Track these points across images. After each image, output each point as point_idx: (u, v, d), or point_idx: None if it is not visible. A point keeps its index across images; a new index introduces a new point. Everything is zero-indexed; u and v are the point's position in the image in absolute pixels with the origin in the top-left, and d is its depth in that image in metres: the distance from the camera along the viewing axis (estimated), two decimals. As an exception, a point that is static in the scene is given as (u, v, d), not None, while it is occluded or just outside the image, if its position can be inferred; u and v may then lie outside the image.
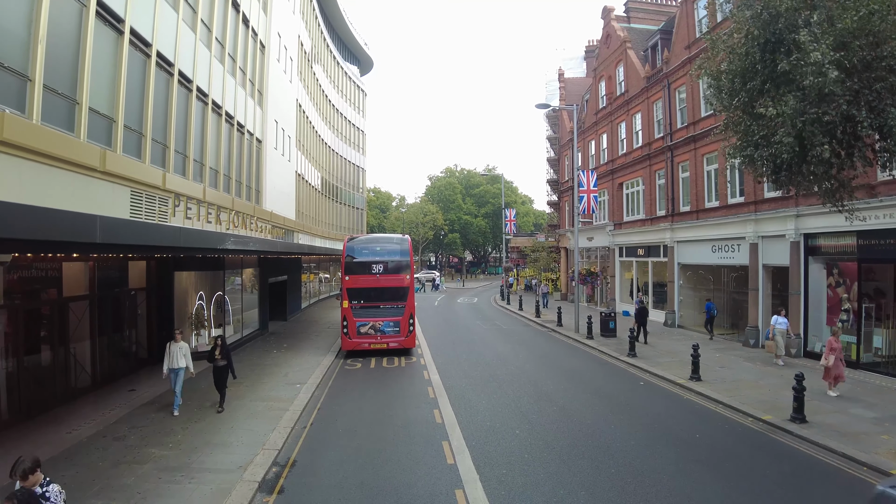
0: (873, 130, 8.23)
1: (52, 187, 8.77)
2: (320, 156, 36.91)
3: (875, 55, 7.92)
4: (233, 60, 18.45)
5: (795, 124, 8.25)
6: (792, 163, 8.90)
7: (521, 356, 17.72)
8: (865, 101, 8.13)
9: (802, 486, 7.75)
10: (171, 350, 11.15)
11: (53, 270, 11.19)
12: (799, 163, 8.82)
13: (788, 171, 9.32)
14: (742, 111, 9.70)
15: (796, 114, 8.22)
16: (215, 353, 11.41)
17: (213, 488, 7.67)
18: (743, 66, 9.26)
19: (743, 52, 9.29)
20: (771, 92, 8.87)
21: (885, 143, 8.54)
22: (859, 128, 8.05)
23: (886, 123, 7.94)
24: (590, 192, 23.78)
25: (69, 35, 9.54)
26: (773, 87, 8.87)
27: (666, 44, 23.98)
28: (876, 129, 8.23)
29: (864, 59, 8.03)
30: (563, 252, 38.54)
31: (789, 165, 9.06)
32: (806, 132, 8.28)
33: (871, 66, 8.04)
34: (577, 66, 46.00)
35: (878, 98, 8.10)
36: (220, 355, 11.41)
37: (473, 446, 9.37)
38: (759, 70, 8.91)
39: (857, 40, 7.84)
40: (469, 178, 74.87)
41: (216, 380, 11.46)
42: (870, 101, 8.13)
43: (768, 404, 11.38)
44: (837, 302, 15.23)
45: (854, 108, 7.99)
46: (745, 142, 9.70)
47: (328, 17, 41.60)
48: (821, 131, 8.27)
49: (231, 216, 16.60)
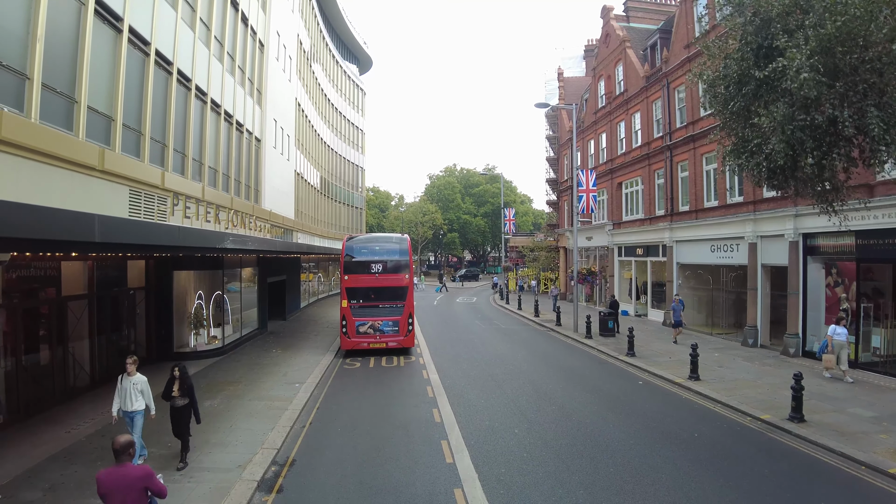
0: (855, 131, 8.29)
1: (50, 186, 8.77)
2: (319, 155, 36.90)
3: (861, 58, 7.97)
4: (232, 59, 18.43)
5: (785, 131, 8.31)
6: (785, 168, 8.98)
7: (519, 355, 17.73)
8: (849, 103, 8.20)
9: (801, 486, 7.76)
10: (122, 386, 8.39)
11: (52, 269, 11.18)
12: (791, 168, 8.90)
13: (782, 176, 9.39)
14: (737, 117, 9.74)
15: (786, 120, 8.28)
16: (172, 388, 8.59)
17: (211, 487, 7.67)
18: (739, 72, 9.29)
19: (738, 58, 9.34)
20: (763, 97, 8.92)
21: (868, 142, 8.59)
22: (841, 128, 8.10)
23: (865, 123, 8.00)
24: (589, 191, 23.79)
25: (68, 33, 9.53)
26: (765, 92, 8.92)
27: (665, 43, 23.98)
28: (857, 128, 8.29)
29: (850, 63, 8.08)
30: (563, 251, 38.55)
31: (782, 171, 9.14)
32: (795, 138, 8.35)
33: (857, 69, 8.09)
34: (577, 66, 46.03)
35: (861, 99, 8.15)
36: (179, 391, 8.61)
37: (472, 445, 9.38)
38: (754, 76, 8.95)
39: (841, 45, 7.90)
40: (468, 177, 74.87)
41: (175, 425, 8.66)
42: (853, 102, 8.19)
43: (767, 403, 11.40)
44: (836, 301, 15.25)
45: (838, 111, 8.05)
46: (740, 148, 9.76)
47: (327, 16, 41.57)
48: (810, 136, 8.34)
49: (230, 215, 16.59)
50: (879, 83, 8.05)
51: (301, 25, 30.67)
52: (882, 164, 8.88)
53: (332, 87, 41.61)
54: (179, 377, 8.60)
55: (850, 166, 9.08)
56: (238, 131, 19.33)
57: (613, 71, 28.71)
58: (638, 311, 27.15)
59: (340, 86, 44.71)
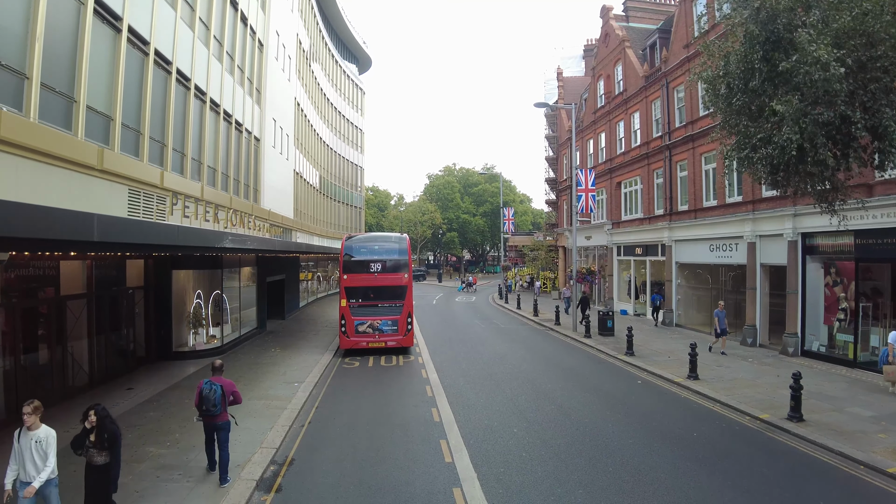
0: (867, 132, 8.25)
1: (49, 185, 8.76)
2: (318, 154, 36.89)
3: (870, 56, 7.94)
4: (231, 59, 18.42)
5: (799, 124, 8.25)
6: (790, 163, 8.91)
7: (518, 355, 17.74)
8: (860, 101, 8.15)
9: (799, 485, 7.78)
10: (19, 445, 5.88)
11: (51, 269, 11.17)
12: (797, 163, 8.83)
13: (786, 172, 9.33)
14: (740, 112, 9.68)
15: (799, 114, 8.22)
16: (89, 437, 6.20)
17: (211, 487, 7.67)
18: (745, 67, 9.21)
19: (742, 53, 9.27)
20: (769, 92, 8.87)
21: (880, 143, 8.56)
22: (854, 129, 8.06)
23: (881, 124, 7.96)
24: (588, 191, 23.79)
25: (67, 33, 9.52)
26: (771, 87, 8.86)
27: (664, 43, 23.98)
28: (870, 129, 8.25)
29: (858, 60, 8.05)
30: (562, 251, 38.57)
31: (787, 166, 9.06)
32: (808, 133, 8.27)
33: (865, 66, 8.06)
34: (576, 65, 45.99)
35: (872, 99, 8.12)
36: (97, 441, 6.18)
37: (471, 445, 9.39)
38: (760, 69, 8.88)
39: (852, 40, 7.85)
40: (467, 176, 74.87)
41: (88, 492, 6.31)
42: (864, 101, 8.16)
43: (766, 403, 11.42)
44: (835, 301, 15.27)
45: (850, 109, 8.00)
46: (743, 143, 9.69)
47: (327, 16, 41.54)
48: (822, 132, 8.28)
49: (229, 215, 16.58)
50: (886, 80, 8.02)
51: (300, 25, 30.65)
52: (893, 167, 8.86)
53: (331, 87, 41.59)
54: (97, 423, 6.15)
55: (861, 166, 9.07)
56: (237, 131, 19.32)
57: (613, 70, 28.72)
58: (637, 310, 27.17)
59: (340, 85, 44.69)
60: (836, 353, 15.05)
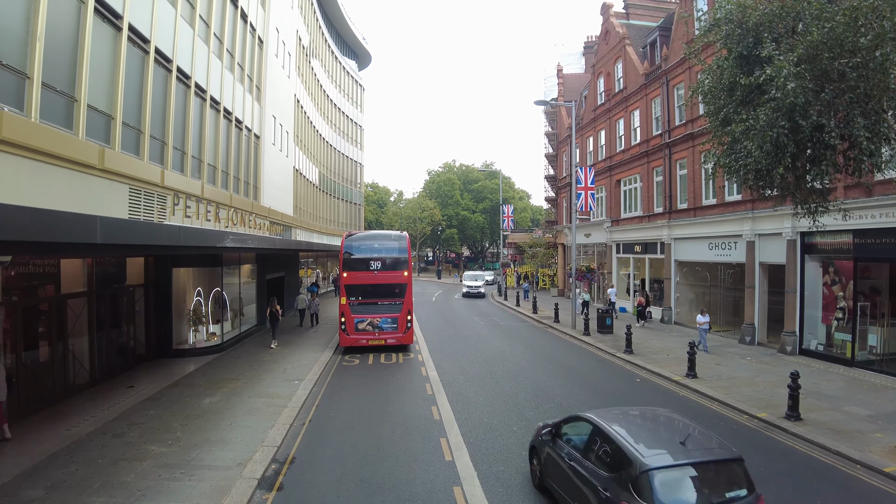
0: (841, 141, 8.46)
1: (50, 185, 8.77)
2: (318, 151, 36.86)
3: (849, 64, 8.09)
4: (231, 56, 18.39)
5: (766, 136, 8.59)
6: (766, 172, 9.27)
7: (518, 353, 17.80)
8: (835, 110, 8.36)
9: (797, 484, 7.84)
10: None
11: (51, 267, 11.19)
12: (771, 172, 9.13)
13: (766, 179, 9.63)
14: (723, 124, 10.11)
15: (767, 126, 8.54)
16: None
17: (212, 485, 7.71)
18: (729, 81, 9.58)
19: (726, 67, 9.65)
20: (752, 103, 9.19)
21: (853, 151, 8.78)
22: (827, 137, 8.26)
23: (852, 133, 8.18)
24: (587, 189, 23.81)
25: (67, 32, 9.52)
26: (754, 97, 9.18)
27: (665, 41, 23.95)
28: (844, 138, 8.47)
29: (838, 69, 8.21)
30: (561, 248, 38.61)
31: (765, 174, 9.44)
32: (778, 143, 8.61)
33: (845, 75, 8.22)
34: (576, 62, 45.99)
35: (848, 107, 8.31)
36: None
37: (471, 443, 9.45)
38: (740, 84, 9.26)
39: (828, 51, 8.03)
40: (467, 173, 74.76)
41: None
42: (839, 110, 8.36)
43: (764, 401, 11.49)
44: (833, 300, 15.33)
45: (825, 118, 8.22)
46: (728, 152, 10.07)
47: (326, 12, 41.43)
48: (792, 141, 8.57)
49: (229, 213, 16.60)
50: (865, 87, 8.19)
51: (300, 21, 30.58)
52: (865, 173, 9.18)
53: (330, 84, 41.51)
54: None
55: (835, 173, 9.32)
56: (237, 128, 19.31)
57: (613, 68, 28.68)
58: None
59: (339, 82, 44.60)
60: (834, 352, 15.12)
